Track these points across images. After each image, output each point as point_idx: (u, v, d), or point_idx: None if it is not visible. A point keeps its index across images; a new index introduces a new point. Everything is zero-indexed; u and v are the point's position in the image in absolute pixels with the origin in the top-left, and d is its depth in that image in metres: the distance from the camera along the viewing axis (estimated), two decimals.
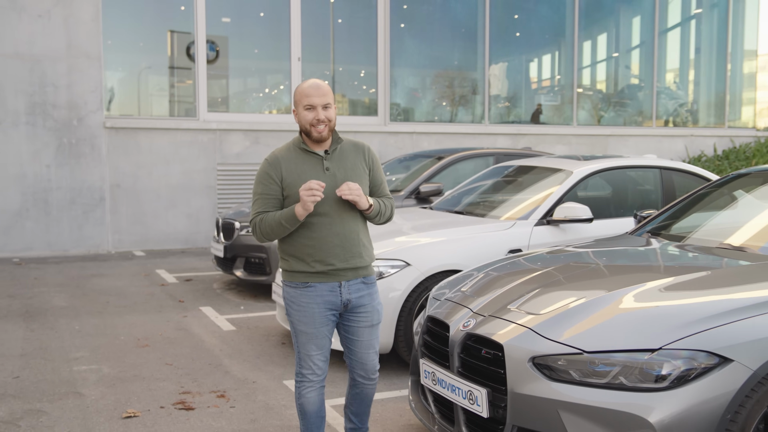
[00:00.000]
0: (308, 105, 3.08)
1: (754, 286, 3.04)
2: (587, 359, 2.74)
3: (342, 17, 12.52)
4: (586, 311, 2.94)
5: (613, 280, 3.33)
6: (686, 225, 4.34)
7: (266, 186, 3.09)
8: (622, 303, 2.95)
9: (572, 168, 5.66)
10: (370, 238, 3.27)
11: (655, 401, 2.61)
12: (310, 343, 3.13)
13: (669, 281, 3.17)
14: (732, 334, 2.68)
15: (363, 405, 3.38)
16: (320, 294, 3.10)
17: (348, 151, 3.21)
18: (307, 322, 3.11)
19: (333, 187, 3.07)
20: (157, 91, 11.63)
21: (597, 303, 2.98)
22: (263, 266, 7.00)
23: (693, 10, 15.93)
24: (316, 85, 3.09)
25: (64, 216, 9.94)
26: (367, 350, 3.23)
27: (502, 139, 12.72)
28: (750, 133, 15.23)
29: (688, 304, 2.93)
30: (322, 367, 3.17)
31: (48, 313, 6.39)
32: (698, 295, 3.04)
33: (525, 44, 14.57)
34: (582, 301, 3.03)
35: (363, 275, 3.18)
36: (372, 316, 3.22)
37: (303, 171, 3.09)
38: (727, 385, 2.60)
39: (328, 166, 3.12)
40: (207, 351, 5.30)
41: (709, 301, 2.92)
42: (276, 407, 4.18)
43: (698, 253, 3.71)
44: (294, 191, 3.05)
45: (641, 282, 3.13)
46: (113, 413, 4.05)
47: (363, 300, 3.18)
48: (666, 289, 3.07)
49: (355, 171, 3.16)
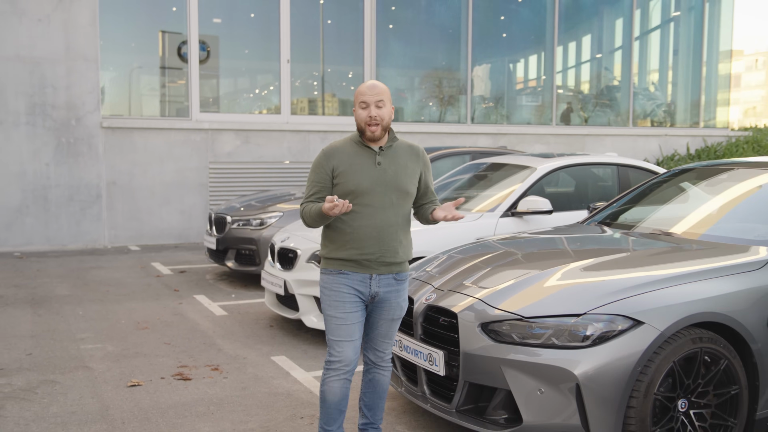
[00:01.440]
0: (363, 102, 3.19)
1: (666, 265, 3.58)
2: (525, 324, 3.26)
3: (331, 18, 13.01)
4: (526, 285, 3.47)
5: (552, 260, 3.85)
6: (630, 214, 4.88)
7: (317, 174, 3.25)
8: (556, 278, 3.48)
9: (536, 165, 6.19)
10: (410, 238, 3.36)
11: (579, 357, 3.13)
12: (340, 328, 3.21)
13: (597, 260, 3.71)
14: (644, 302, 3.21)
15: (376, 396, 3.42)
16: (351, 281, 3.21)
17: (402, 151, 3.30)
18: (337, 306, 3.22)
19: (382, 181, 3.20)
20: (149, 90, 12.05)
21: (535, 278, 3.51)
22: (253, 257, 7.49)
23: (672, 13, 16.49)
24: (372, 84, 3.21)
25: (62, 212, 10.39)
26: (383, 339, 3.35)
27: (483, 139, 13.24)
28: (722, 133, 15.81)
29: (610, 278, 3.45)
30: (350, 355, 3.21)
31: (53, 301, 6.86)
32: (619, 272, 3.56)
33: (507, 47, 15.10)
34: (524, 276, 3.55)
35: (396, 271, 3.27)
36: (395, 311, 3.32)
37: (356, 163, 3.22)
38: (639, 343, 3.13)
39: (380, 161, 3.22)
40: (201, 332, 5.80)
41: (628, 276, 3.44)
42: (264, 378, 4.69)
43: (630, 238, 4.25)
44: (344, 180, 3.20)
45: (575, 261, 3.66)
46: (119, 383, 4.55)
47: (390, 295, 3.28)
48: (593, 267, 3.60)
49: (405, 170, 3.26)
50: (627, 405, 3.12)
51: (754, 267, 3.54)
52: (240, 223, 7.62)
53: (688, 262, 3.61)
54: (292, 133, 11.71)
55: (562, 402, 3.14)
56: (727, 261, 3.58)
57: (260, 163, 11.48)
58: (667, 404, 3.21)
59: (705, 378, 3.28)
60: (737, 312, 3.33)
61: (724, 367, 3.29)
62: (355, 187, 3.19)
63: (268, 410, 4.11)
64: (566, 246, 4.29)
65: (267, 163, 11.52)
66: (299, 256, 5.58)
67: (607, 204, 5.09)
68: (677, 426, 3.22)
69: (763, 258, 3.60)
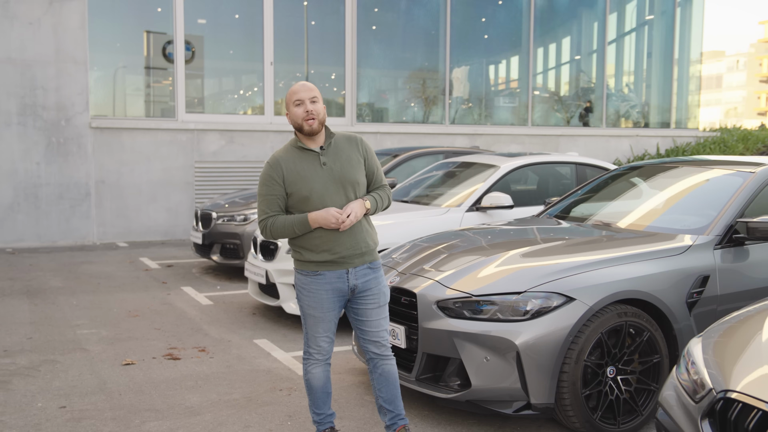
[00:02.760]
0: (297, 100, 3.27)
1: (599, 251, 4.07)
2: (474, 301, 3.74)
3: (315, 20, 13.45)
4: (476, 268, 3.95)
5: (503, 247, 4.33)
6: (582, 208, 5.36)
7: (270, 187, 3.28)
8: (502, 261, 3.97)
9: (500, 164, 6.68)
10: (372, 224, 3.47)
11: (520, 329, 3.61)
12: (317, 325, 3.37)
13: (540, 246, 4.21)
14: (576, 282, 3.70)
15: (390, 387, 3.46)
16: (329, 281, 3.31)
17: (342, 144, 3.37)
18: (316, 307, 3.34)
19: (332, 179, 3.29)
20: (134, 90, 12.38)
21: (485, 262, 4.00)
22: (237, 251, 7.92)
23: (645, 16, 17.07)
24: (302, 83, 3.32)
25: (52, 210, 10.77)
26: (377, 328, 3.43)
27: (461, 139, 13.74)
28: (691, 133, 16.40)
29: (548, 262, 3.94)
30: (327, 347, 3.41)
31: (47, 292, 7.27)
32: (557, 256, 4.06)
33: (484, 50, 15.60)
34: (475, 261, 4.04)
35: (369, 261, 3.38)
36: (379, 297, 3.42)
37: (302, 169, 3.28)
38: (571, 316, 3.62)
39: (324, 161, 3.29)
40: (189, 319, 6.24)
41: (564, 260, 3.93)
42: (247, 358, 5.14)
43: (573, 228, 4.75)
44: (296, 189, 3.26)
45: (521, 247, 4.15)
46: (114, 362, 4.98)
47: (369, 284, 3.38)
48: (535, 252, 4.11)
49: (350, 163, 3.33)
50: (560, 370, 3.61)
51: (677, 252, 4.04)
52: (225, 219, 8.06)
53: (618, 248, 4.11)
54: (276, 134, 12.14)
55: (505, 368, 3.62)
56: (653, 247, 4.08)
57: (244, 162, 11.90)
58: (597, 370, 3.70)
59: (630, 348, 3.77)
60: (659, 291, 3.83)
61: (647, 339, 3.79)
62: (309, 193, 3.25)
63: (250, 384, 4.57)
64: (517, 235, 4.77)
65: (251, 163, 11.94)
66: (279, 248, 6.03)
67: (559, 199, 5.58)
68: (605, 389, 3.71)
69: (686, 245, 4.11)
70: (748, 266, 4.17)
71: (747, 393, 2.23)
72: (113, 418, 3.98)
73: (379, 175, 3.48)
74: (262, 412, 4.08)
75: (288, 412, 4.10)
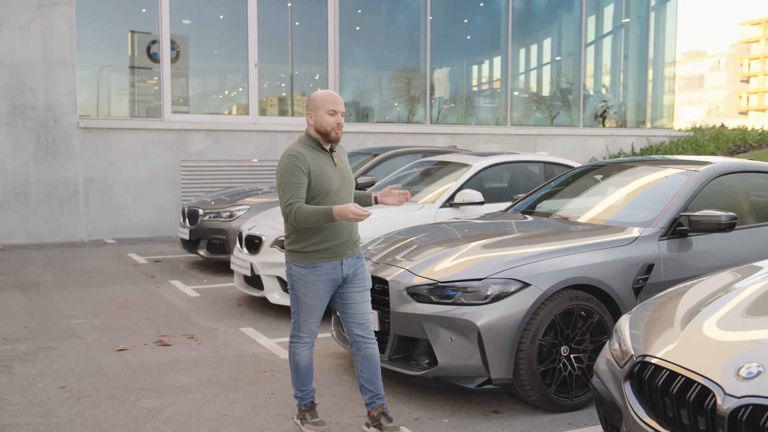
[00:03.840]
0: (332, 110, 3.59)
1: (554, 242, 4.47)
2: (441, 287, 4.12)
3: (299, 20, 13.79)
4: (443, 257, 4.33)
5: (468, 239, 4.71)
6: (546, 204, 5.76)
7: (297, 176, 3.51)
8: (465, 252, 4.35)
9: (472, 162, 7.07)
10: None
11: (481, 312, 3.99)
12: (311, 313, 3.67)
13: (501, 238, 4.61)
14: (532, 269, 4.09)
15: (371, 368, 3.74)
16: (325, 272, 3.60)
17: (341, 150, 3.80)
18: (313, 296, 3.63)
19: (342, 178, 3.67)
20: (119, 90, 12.63)
21: (450, 252, 4.38)
22: (223, 246, 8.26)
23: (622, 19, 17.55)
24: (335, 94, 3.63)
25: (41, 208, 11.04)
26: (361, 311, 3.73)
27: (441, 138, 14.13)
28: (665, 133, 16.90)
29: (508, 252, 4.32)
30: (315, 331, 3.74)
31: (40, 286, 7.57)
32: (516, 247, 4.45)
33: (464, 51, 16.01)
34: (442, 251, 4.42)
35: (357, 252, 3.74)
36: (364, 282, 3.75)
37: (323, 165, 3.61)
38: (527, 300, 4.00)
39: (336, 162, 3.68)
40: (178, 310, 6.58)
41: (522, 250, 4.33)
42: (233, 344, 5.49)
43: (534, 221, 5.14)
44: (318, 183, 3.56)
45: (485, 239, 4.54)
46: (108, 348, 5.32)
47: (358, 271, 3.73)
48: (497, 243, 4.50)
49: (348, 165, 3.80)
50: (518, 349, 3.99)
51: (625, 243, 4.44)
52: (211, 215, 8.40)
53: (572, 239, 4.50)
54: (260, 133, 12.48)
55: (468, 347, 4.01)
56: (604, 238, 4.48)
57: (230, 161, 12.22)
58: (552, 349, 4.09)
59: (582, 329, 4.17)
60: (608, 277, 4.23)
61: (597, 320, 4.19)
62: (329, 187, 3.59)
63: (236, 366, 4.92)
64: (484, 229, 5.15)
65: (236, 161, 12.27)
66: (264, 242, 6.39)
67: (525, 195, 5.98)
68: (559, 366, 4.11)
69: (634, 236, 4.51)
70: (690, 256, 4.58)
71: (659, 356, 2.62)
72: (110, 396, 4.32)
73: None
74: (248, 391, 4.44)
75: (271, 390, 4.46)
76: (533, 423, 3.98)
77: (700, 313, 2.79)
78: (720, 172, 5.08)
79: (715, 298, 2.91)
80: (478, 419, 4.04)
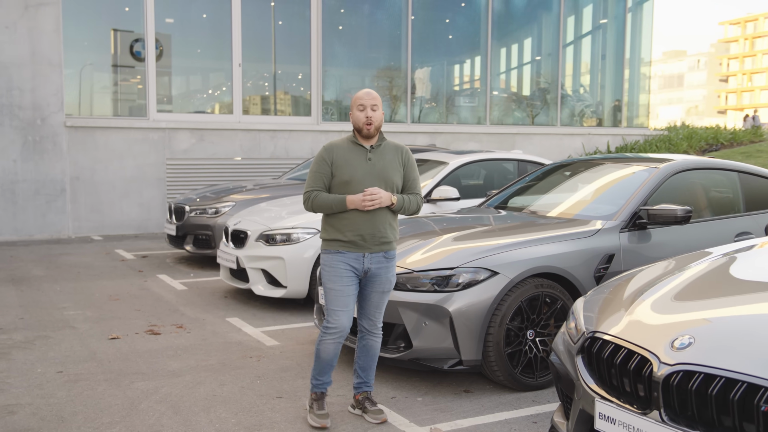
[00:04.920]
0: (360, 105, 3.76)
1: (522, 234, 4.80)
2: (416, 276, 4.43)
3: (282, 20, 14.04)
4: (418, 248, 4.64)
5: (441, 231, 5.03)
6: (518, 199, 6.09)
7: (320, 166, 3.80)
8: (439, 243, 4.66)
9: (449, 160, 7.40)
10: (397, 221, 3.94)
11: (453, 298, 4.31)
12: (337, 299, 3.77)
13: (473, 230, 4.92)
14: (500, 259, 4.41)
15: (368, 359, 3.97)
16: (347, 260, 3.77)
17: (389, 149, 3.86)
18: (336, 280, 3.77)
19: (372, 173, 3.77)
20: (101, 88, 12.77)
21: (425, 243, 4.69)
22: (209, 241, 8.52)
23: (600, 20, 17.96)
24: (367, 91, 3.80)
25: (29, 205, 11.23)
26: (375, 310, 3.92)
27: (422, 137, 14.45)
28: (640, 132, 17.34)
29: (478, 243, 4.64)
30: (344, 324, 3.78)
31: (32, 280, 7.80)
32: (486, 239, 4.76)
33: (445, 51, 16.34)
34: (417, 243, 4.73)
35: (386, 250, 3.82)
36: (385, 285, 3.87)
37: (350, 158, 3.78)
38: (495, 287, 4.32)
39: (370, 157, 3.80)
40: (166, 302, 6.84)
41: (491, 242, 4.65)
42: (220, 333, 5.77)
43: (504, 215, 5.47)
44: (339, 172, 3.76)
45: (455, 231, 4.85)
46: (101, 337, 5.58)
47: (380, 271, 3.83)
48: (469, 235, 4.81)
49: (391, 165, 3.83)
50: (486, 333, 4.31)
51: (588, 235, 4.77)
52: (197, 211, 8.65)
53: (539, 231, 4.82)
54: (244, 132, 12.73)
55: (440, 331, 4.32)
56: (569, 230, 4.81)
57: (214, 159, 12.46)
58: (519, 333, 4.41)
59: (546, 314, 4.49)
60: (571, 266, 4.56)
61: (560, 306, 4.51)
62: (350, 178, 3.75)
63: (224, 352, 5.20)
64: (457, 222, 5.47)
65: (220, 160, 12.51)
66: (249, 237, 6.66)
67: (498, 191, 6.31)
68: (525, 348, 4.43)
69: (596, 228, 4.84)
70: (649, 246, 4.92)
71: (606, 332, 2.94)
72: (105, 379, 4.59)
73: (415, 183, 3.93)
74: (235, 374, 4.72)
75: (257, 373, 4.75)
76: (500, 401, 4.30)
77: (643, 295, 3.11)
78: (678, 169, 5.43)
79: (659, 281, 3.23)
80: (450, 397, 4.35)
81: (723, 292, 3.09)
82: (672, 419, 2.57)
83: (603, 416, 2.81)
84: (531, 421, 4.02)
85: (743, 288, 3.15)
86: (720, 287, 3.15)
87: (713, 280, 3.21)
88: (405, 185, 3.90)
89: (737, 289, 3.14)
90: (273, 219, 6.71)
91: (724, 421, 2.45)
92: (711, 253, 3.64)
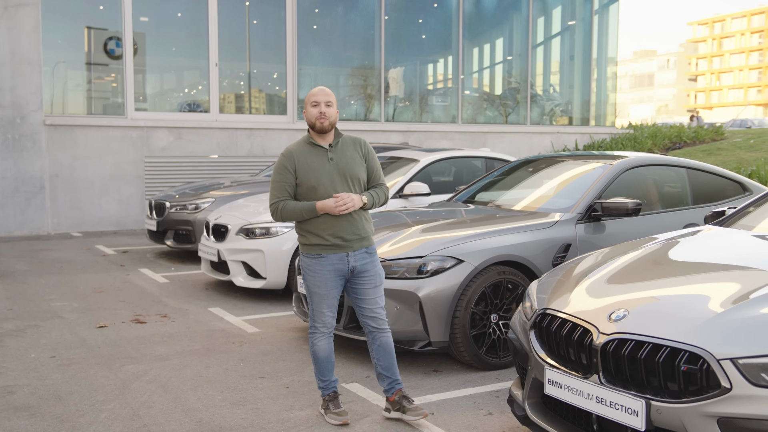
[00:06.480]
0: (314, 102, 3.74)
1: (486, 225, 5.18)
2: (388, 264, 4.78)
3: (257, 19, 14.31)
4: (390, 239, 5.00)
5: (412, 223, 5.39)
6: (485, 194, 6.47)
7: (283, 175, 3.75)
8: (409, 234, 5.03)
9: (420, 158, 7.77)
10: (370, 215, 3.95)
11: (422, 284, 4.67)
12: (322, 302, 3.81)
13: (441, 222, 5.30)
14: (466, 248, 4.79)
15: (387, 355, 3.90)
16: (331, 263, 3.76)
17: (347, 145, 3.85)
18: (321, 285, 3.78)
19: (337, 173, 3.76)
20: (75, 86, 12.86)
21: (396, 234, 5.05)
22: (189, 236, 8.81)
23: (568, 22, 18.46)
24: (321, 88, 3.78)
25: (8, 202, 11.40)
26: (374, 306, 3.88)
27: (395, 136, 14.81)
28: (607, 130, 17.87)
29: (445, 234, 5.01)
30: (330, 322, 3.86)
31: (16, 274, 8.02)
32: (453, 230, 5.14)
33: (418, 51, 16.73)
34: (389, 234, 5.09)
35: (366, 245, 3.85)
36: (375, 279, 3.87)
37: (312, 162, 3.75)
38: (461, 274, 4.69)
39: (331, 157, 3.77)
40: (150, 294, 7.12)
41: (457, 232, 5.02)
42: (204, 321, 6.08)
43: (471, 209, 5.85)
44: (305, 179, 3.72)
45: (424, 224, 5.23)
46: (89, 325, 5.86)
47: (366, 266, 3.84)
48: (437, 227, 5.19)
49: (354, 161, 3.81)
50: (453, 316, 4.68)
51: (547, 226, 5.17)
52: (177, 207, 8.93)
53: (502, 223, 5.21)
54: (221, 131, 13.00)
55: (411, 315, 4.68)
56: (529, 222, 5.20)
57: (191, 157, 12.72)
58: (483, 316, 4.79)
59: (509, 299, 4.87)
60: (531, 255, 4.95)
61: (522, 292, 4.89)
62: (316, 183, 3.72)
63: (208, 339, 5.52)
64: (427, 216, 5.84)
65: (198, 158, 12.77)
66: (230, 231, 6.97)
67: (465, 187, 6.69)
68: (489, 331, 4.81)
69: (554, 220, 5.24)
70: (603, 237, 5.33)
71: (555, 308, 3.33)
72: (97, 363, 4.88)
73: (378, 173, 3.94)
74: (219, 357, 5.05)
75: (240, 357, 5.07)
76: (466, 379, 4.68)
77: (589, 275, 3.51)
78: (631, 165, 5.85)
79: (603, 263, 3.63)
80: (420, 377, 4.72)
81: (658, 274, 3.50)
82: (609, 381, 2.96)
83: (551, 382, 3.19)
84: (494, 395, 4.39)
85: (677, 269, 3.56)
86: (656, 268, 3.56)
87: (651, 262, 3.61)
88: (369, 177, 3.92)
89: (672, 270, 3.55)
90: (252, 214, 7.03)
91: (652, 381, 2.85)
92: (657, 238, 4.04)
